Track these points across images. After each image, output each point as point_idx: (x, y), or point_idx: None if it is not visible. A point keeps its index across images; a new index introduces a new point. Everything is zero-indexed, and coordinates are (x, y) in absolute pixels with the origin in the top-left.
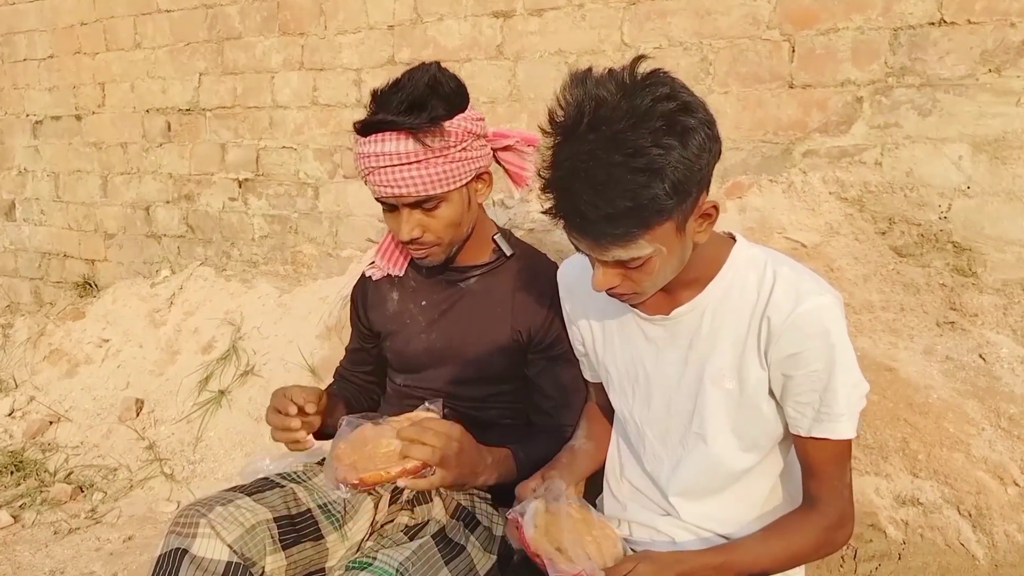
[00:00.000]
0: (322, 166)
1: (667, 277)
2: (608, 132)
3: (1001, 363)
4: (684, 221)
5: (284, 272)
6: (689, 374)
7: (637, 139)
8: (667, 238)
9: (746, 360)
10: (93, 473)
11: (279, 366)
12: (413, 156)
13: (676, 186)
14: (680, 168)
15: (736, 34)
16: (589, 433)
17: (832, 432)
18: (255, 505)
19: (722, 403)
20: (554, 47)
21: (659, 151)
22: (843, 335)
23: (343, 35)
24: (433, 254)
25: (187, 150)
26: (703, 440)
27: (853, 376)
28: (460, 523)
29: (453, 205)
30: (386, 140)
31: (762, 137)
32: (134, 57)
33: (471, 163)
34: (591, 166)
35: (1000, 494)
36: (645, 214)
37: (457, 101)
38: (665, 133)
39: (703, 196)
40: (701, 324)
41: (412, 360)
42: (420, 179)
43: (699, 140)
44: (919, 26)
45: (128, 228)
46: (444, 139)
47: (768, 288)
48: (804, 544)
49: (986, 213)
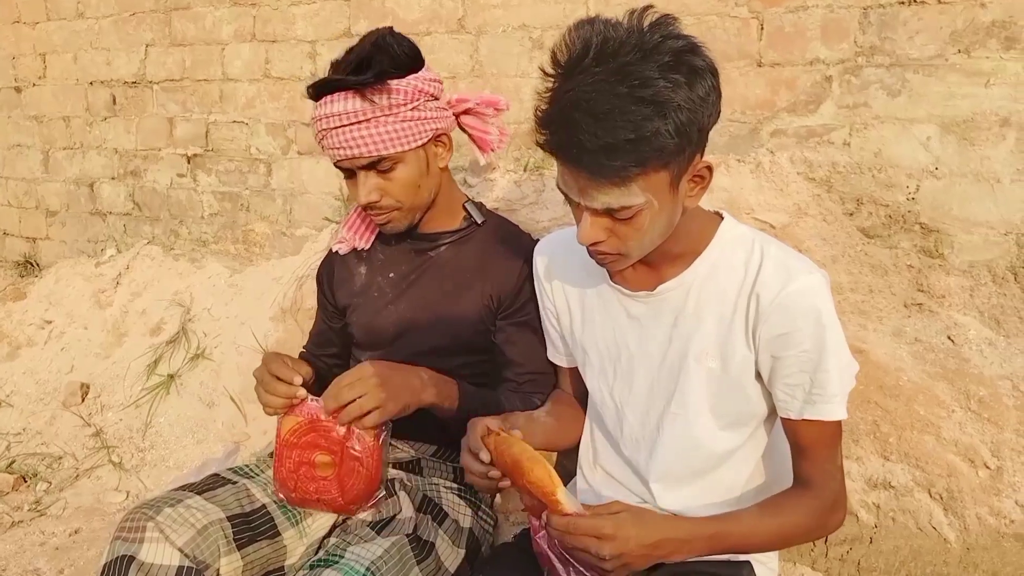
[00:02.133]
0: (275, 141)
1: (653, 240)
2: (615, 64)
3: (969, 345)
4: (679, 176)
5: (235, 251)
6: (672, 352)
7: (645, 71)
8: (660, 189)
9: (731, 339)
10: (36, 462)
11: (231, 349)
12: (361, 115)
13: (679, 128)
14: (685, 108)
15: (704, 11)
16: (551, 411)
17: (824, 413)
18: (206, 504)
19: (704, 382)
20: (518, 21)
21: (666, 84)
22: (832, 315)
23: (297, 6)
24: (394, 219)
25: (133, 124)
26: (683, 419)
27: (843, 356)
28: (428, 517)
29: (409, 167)
30: (335, 101)
31: (729, 116)
32: (77, 27)
33: (424, 124)
34: (594, 96)
35: (971, 477)
36: (645, 149)
37: (406, 61)
38: (673, 69)
39: (699, 155)
40: (686, 301)
41: (380, 333)
42: (371, 138)
43: (706, 85)
44: (889, 5)
45: (71, 205)
46: (392, 97)
47: (756, 266)
48: (798, 524)
49: (954, 194)
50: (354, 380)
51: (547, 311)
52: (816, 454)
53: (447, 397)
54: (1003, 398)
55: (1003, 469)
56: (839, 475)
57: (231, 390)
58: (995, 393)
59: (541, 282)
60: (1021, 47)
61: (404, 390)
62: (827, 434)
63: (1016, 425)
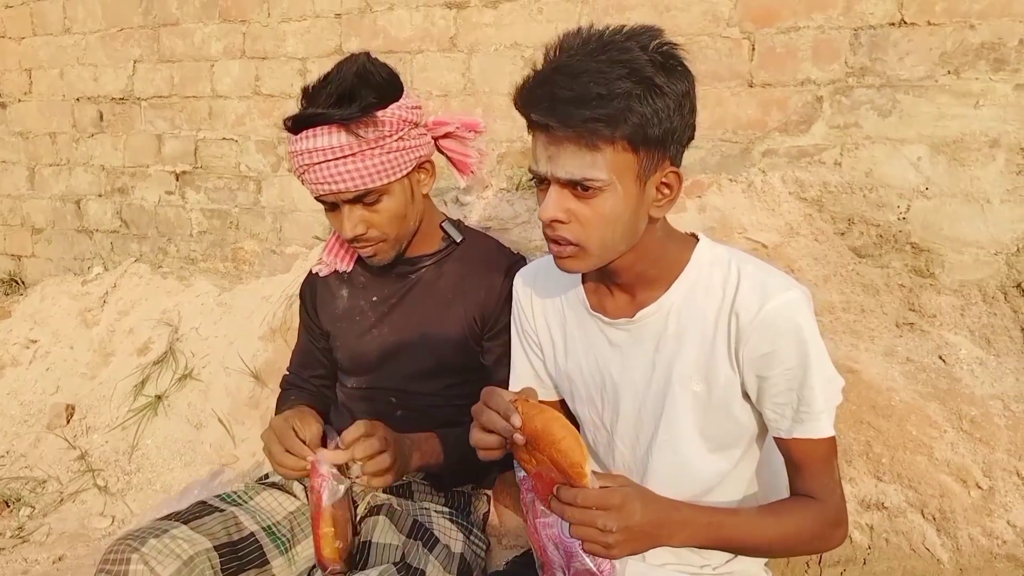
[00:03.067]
0: (265, 159)
1: (615, 240)
2: (602, 41)
3: (960, 364)
4: (646, 171)
5: (224, 269)
6: (657, 378)
7: (630, 47)
8: (625, 175)
9: (714, 361)
10: (20, 486)
11: (219, 369)
12: (347, 149)
13: (653, 105)
14: (660, 93)
15: (695, 31)
16: None
17: (814, 431)
18: (193, 534)
19: (690, 406)
20: (509, 40)
21: (647, 60)
22: (813, 330)
23: (287, 23)
24: (381, 251)
25: (121, 141)
26: (671, 445)
27: (827, 371)
28: (419, 543)
29: (395, 197)
30: (318, 135)
31: (721, 136)
32: (63, 42)
33: (409, 153)
34: (575, 62)
35: (963, 497)
36: (614, 108)
37: (389, 91)
38: (655, 59)
39: (669, 162)
40: (666, 325)
41: (363, 358)
42: (357, 172)
43: (684, 87)
44: (879, 26)
45: (57, 222)
46: (378, 129)
47: (734, 286)
48: (801, 527)
49: (944, 214)
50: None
51: (528, 343)
52: (813, 471)
53: (431, 454)
54: (994, 418)
55: (995, 489)
56: (839, 490)
57: (219, 411)
58: (986, 413)
59: (522, 311)
60: (1010, 68)
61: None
62: (821, 450)
63: (1007, 445)
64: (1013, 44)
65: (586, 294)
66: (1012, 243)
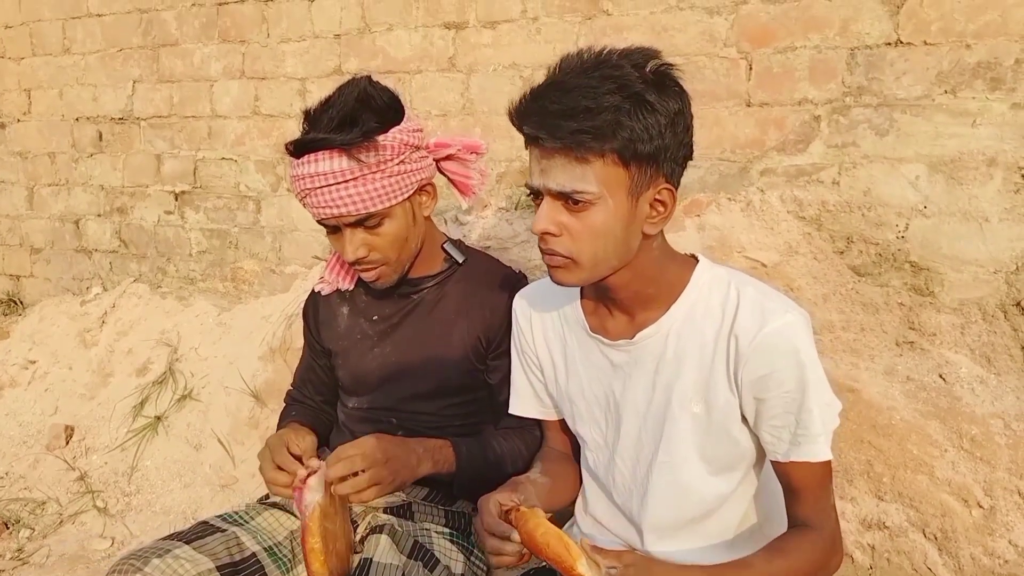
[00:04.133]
0: (264, 179)
1: (607, 255)
2: (597, 60)
3: (961, 383)
4: (638, 187)
5: (224, 289)
6: (657, 399)
7: (622, 65)
8: (616, 189)
9: (713, 383)
10: (19, 508)
11: (219, 390)
12: (348, 174)
13: (643, 120)
14: (651, 109)
15: (693, 51)
16: (545, 470)
17: (811, 455)
18: (195, 554)
19: (690, 428)
20: (508, 60)
21: (639, 77)
22: (812, 353)
23: (287, 43)
24: (383, 274)
25: (120, 161)
26: (671, 467)
27: (826, 395)
28: (419, 563)
29: (397, 220)
30: (320, 160)
31: (719, 155)
32: (63, 63)
33: (411, 176)
34: (570, 78)
35: (965, 516)
36: (602, 120)
37: (391, 115)
38: (647, 77)
39: (663, 179)
40: (666, 347)
41: (365, 378)
42: (359, 196)
43: (677, 105)
44: (876, 46)
45: (56, 242)
46: (379, 154)
47: (733, 308)
48: (807, 562)
49: (943, 233)
50: (357, 454)
51: (528, 364)
52: (809, 496)
53: (444, 464)
54: (995, 436)
55: (996, 508)
56: (834, 514)
57: (219, 432)
58: (987, 432)
59: (522, 333)
60: (1006, 88)
61: (403, 468)
62: (818, 475)
63: (1008, 464)
64: (1009, 63)
65: (585, 315)
66: (1011, 261)
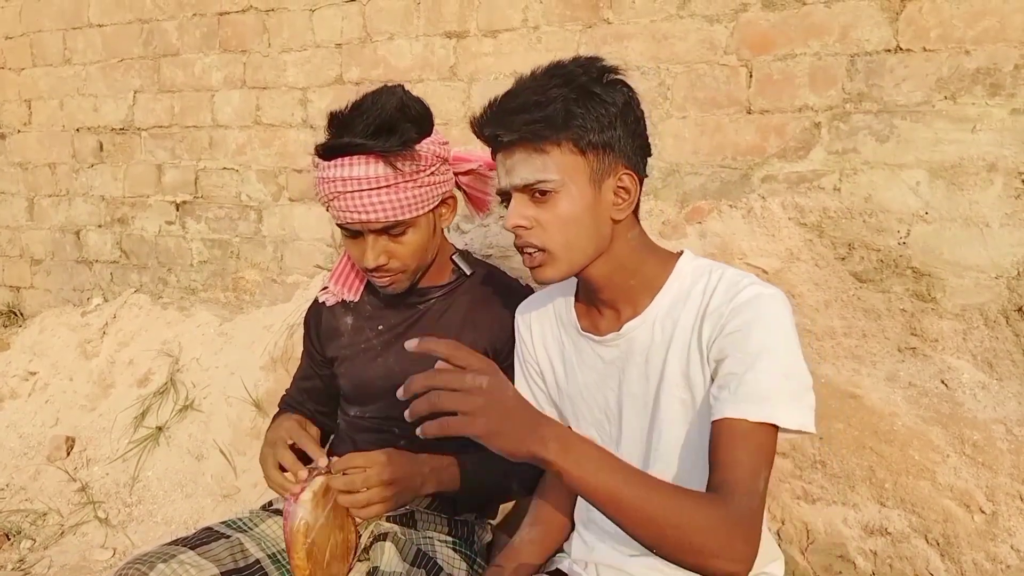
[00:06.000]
0: (266, 188)
1: (580, 242)
2: (548, 68)
3: (963, 388)
4: (599, 174)
5: (225, 299)
6: (649, 389)
7: (569, 67)
8: (576, 176)
9: (692, 366)
10: (20, 519)
11: (220, 400)
12: (383, 180)
13: (593, 110)
14: (599, 100)
15: (693, 59)
16: (536, 518)
17: (748, 413)
18: (200, 560)
19: (680, 416)
20: (509, 69)
21: (583, 73)
22: (782, 323)
23: (288, 53)
24: (398, 281)
25: (121, 171)
26: (666, 456)
27: (790, 364)
28: (423, 571)
29: (420, 231)
30: (354, 164)
31: (720, 162)
32: (63, 73)
33: (438, 188)
34: (520, 85)
35: (967, 522)
36: (552, 110)
37: (425, 125)
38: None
39: (623, 166)
40: (652, 336)
41: (368, 387)
42: (390, 204)
43: (624, 98)
44: (875, 53)
45: (57, 253)
46: (415, 163)
47: (712, 289)
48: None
49: (944, 238)
50: (364, 472)
51: (530, 373)
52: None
53: (449, 482)
54: (997, 442)
55: (998, 514)
56: (757, 502)
57: (221, 442)
58: (989, 437)
59: (523, 343)
60: (1006, 93)
61: (406, 491)
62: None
63: (1010, 469)
64: (1008, 69)
65: (578, 317)
66: (1012, 267)
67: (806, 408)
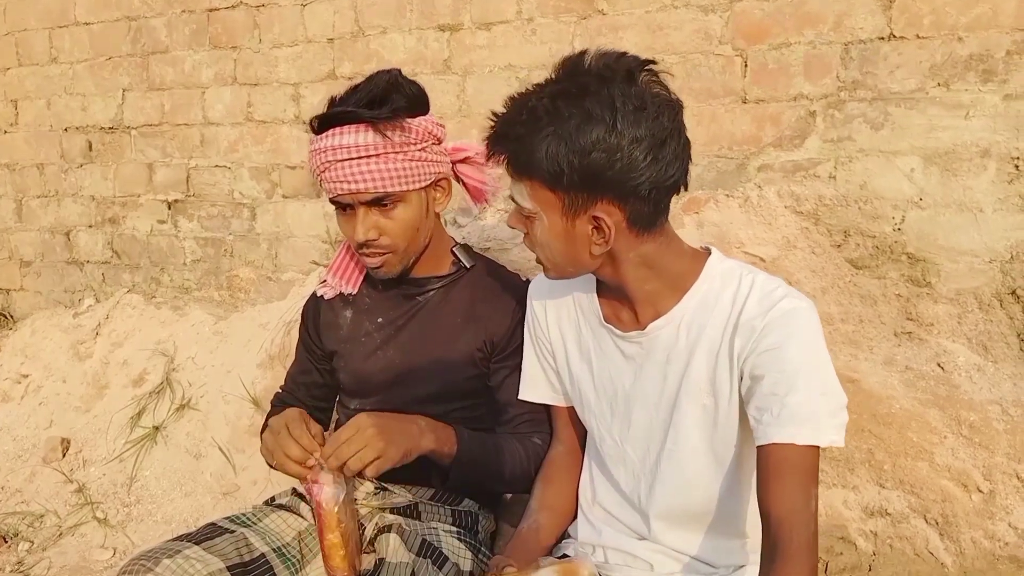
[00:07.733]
0: (259, 185)
1: (560, 262)
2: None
3: (959, 371)
4: (572, 210)
5: (219, 298)
6: (668, 390)
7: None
8: (548, 209)
9: (719, 372)
10: (17, 521)
11: (218, 398)
12: (372, 149)
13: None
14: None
15: (688, 49)
16: (541, 503)
17: (793, 437)
18: (205, 555)
19: (699, 419)
20: (504, 62)
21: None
22: (817, 340)
23: (279, 48)
24: (388, 262)
25: (111, 170)
26: (678, 457)
27: (826, 383)
28: (428, 561)
29: (411, 207)
30: (345, 133)
31: (717, 152)
32: (50, 72)
33: (430, 166)
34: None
35: (965, 501)
36: (522, 149)
37: (419, 103)
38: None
39: (602, 202)
40: (677, 338)
41: (369, 380)
42: (379, 173)
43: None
44: (869, 40)
45: (47, 254)
46: (405, 135)
47: (743, 297)
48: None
49: (939, 224)
50: (352, 434)
51: (541, 348)
52: (785, 485)
53: (446, 442)
54: (993, 422)
55: (995, 492)
56: (814, 524)
57: (219, 440)
58: (985, 418)
59: (536, 320)
60: (998, 79)
61: (403, 437)
62: (797, 462)
63: (1007, 449)
64: (1000, 55)
65: (600, 306)
66: (1006, 251)
67: (839, 425)
